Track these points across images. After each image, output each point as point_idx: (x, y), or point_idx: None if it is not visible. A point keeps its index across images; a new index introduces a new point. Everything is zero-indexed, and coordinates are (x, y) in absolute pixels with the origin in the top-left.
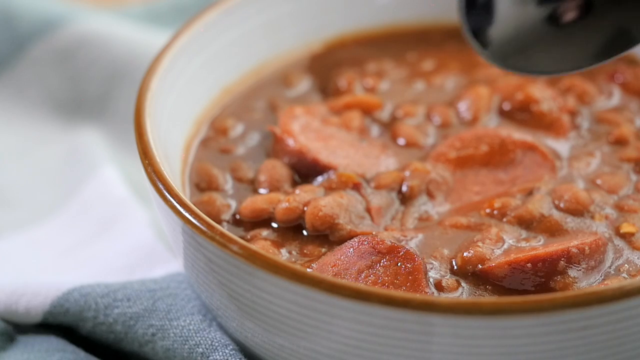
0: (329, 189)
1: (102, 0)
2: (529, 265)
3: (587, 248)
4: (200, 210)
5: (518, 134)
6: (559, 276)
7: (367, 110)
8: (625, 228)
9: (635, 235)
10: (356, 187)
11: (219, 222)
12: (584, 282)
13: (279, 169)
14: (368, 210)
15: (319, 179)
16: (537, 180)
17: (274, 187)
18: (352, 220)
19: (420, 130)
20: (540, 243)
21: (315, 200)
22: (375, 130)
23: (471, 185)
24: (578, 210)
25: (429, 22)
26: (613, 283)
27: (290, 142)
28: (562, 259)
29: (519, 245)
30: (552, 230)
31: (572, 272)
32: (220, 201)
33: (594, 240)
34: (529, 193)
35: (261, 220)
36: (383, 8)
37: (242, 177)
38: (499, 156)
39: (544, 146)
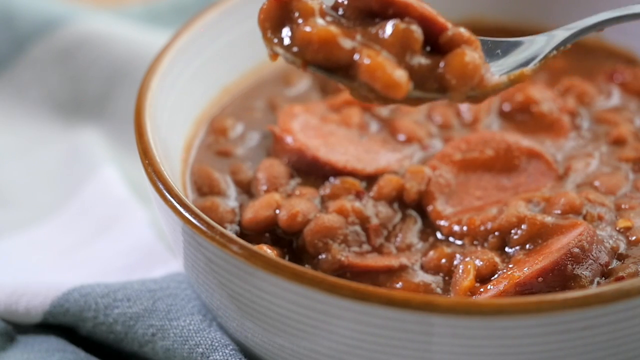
0: (332, 194)
1: (102, 0)
2: (540, 279)
3: (585, 243)
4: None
5: (526, 141)
6: (571, 282)
7: (366, 107)
8: (622, 224)
9: (632, 229)
10: (359, 195)
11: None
12: (596, 276)
13: (276, 167)
14: (366, 229)
15: (326, 183)
16: (539, 189)
17: (272, 185)
18: (347, 238)
19: (420, 126)
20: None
21: (319, 218)
22: (374, 126)
23: (473, 189)
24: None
25: None
26: (613, 283)
27: (289, 141)
28: (569, 261)
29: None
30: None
31: (584, 272)
32: (223, 207)
33: (583, 231)
34: (529, 201)
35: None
36: None
37: (242, 179)
38: (503, 162)
39: (549, 155)
